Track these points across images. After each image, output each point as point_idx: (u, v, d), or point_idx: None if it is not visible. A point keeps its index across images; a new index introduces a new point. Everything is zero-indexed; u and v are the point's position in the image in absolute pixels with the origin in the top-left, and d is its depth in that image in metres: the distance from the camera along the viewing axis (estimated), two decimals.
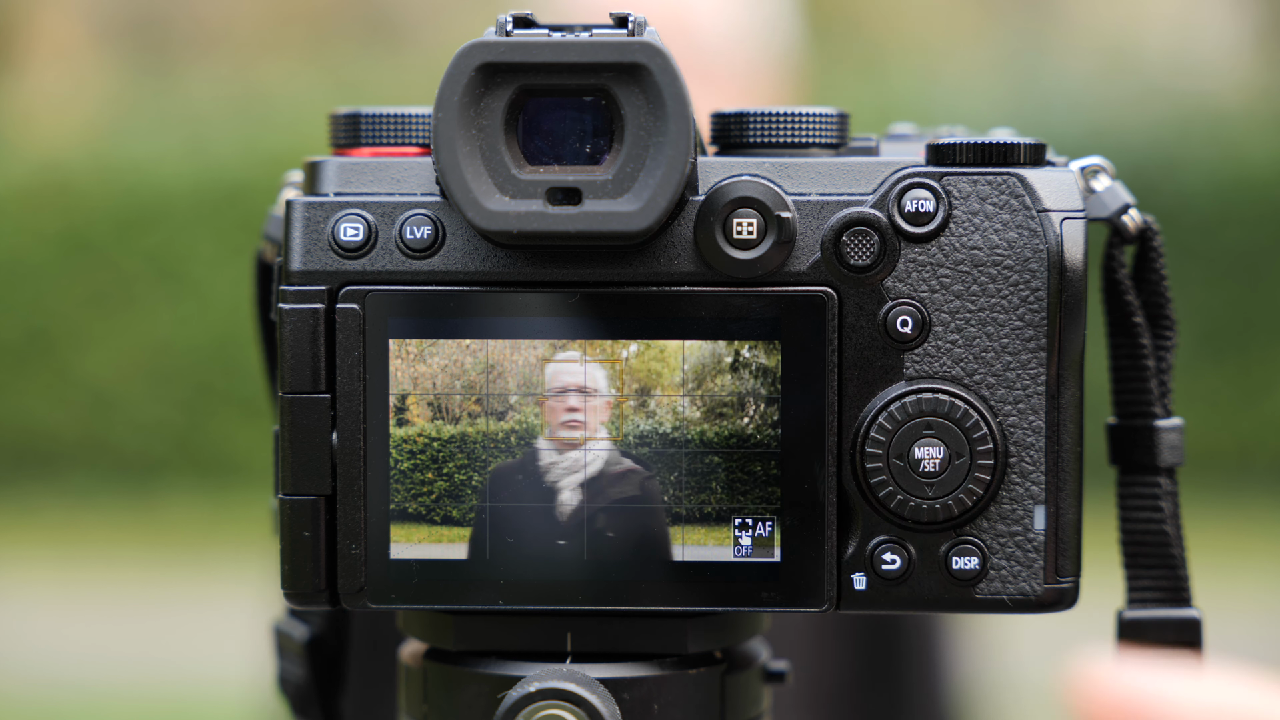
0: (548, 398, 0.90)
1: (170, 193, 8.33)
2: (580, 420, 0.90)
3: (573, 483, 0.90)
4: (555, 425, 0.90)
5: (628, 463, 0.90)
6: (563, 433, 0.90)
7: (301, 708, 1.08)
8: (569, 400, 0.90)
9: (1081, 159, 0.96)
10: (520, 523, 0.90)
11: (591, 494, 0.90)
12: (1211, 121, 8.25)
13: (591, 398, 0.90)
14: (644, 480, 0.90)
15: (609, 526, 0.90)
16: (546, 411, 0.90)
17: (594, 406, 0.90)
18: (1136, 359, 0.97)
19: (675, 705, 0.93)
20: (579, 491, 0.90)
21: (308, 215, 0.91)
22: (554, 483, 0.90)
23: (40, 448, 8.28)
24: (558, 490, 0.90)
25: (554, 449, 0.90)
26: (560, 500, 0.90)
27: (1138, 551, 0.97)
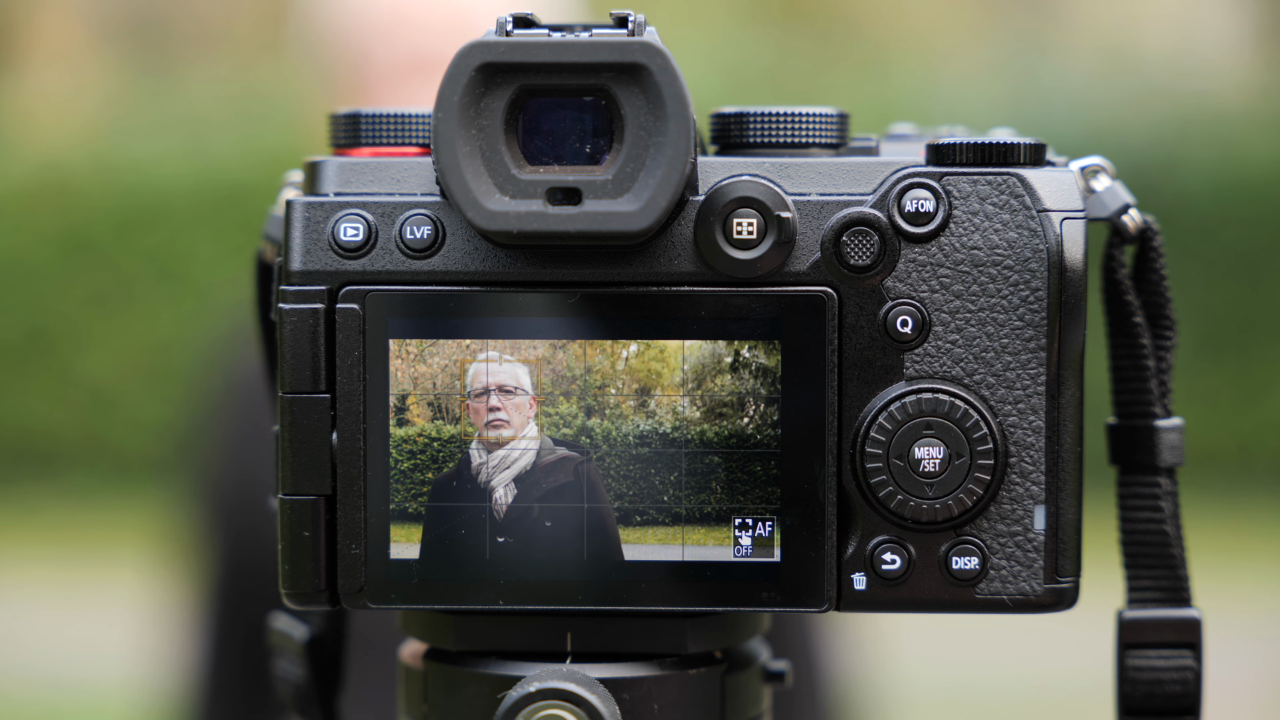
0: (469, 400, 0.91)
1: (170, 193, 8.33)
2: (504, 419, 0.90)
3: (503, 480, 0.91)
4: (481, 426, 0.91)
5: (561, 451, 0.90)
6: (490, 431, 0.91)
7: (301, 708, 1.08)
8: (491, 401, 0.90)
9: (1081, 159, 0.96)
10: (462, 521, 0.91)
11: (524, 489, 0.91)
12: (1211, 121, 8.25)
13: (512, 395, 0.90)
14: (577, 466, 0.90)
15: (544, 517, 0.90)
16: (471, 413, 0.91)
17: (516, 404, 0.90)
18: (1136, 359, 0.97)
19: (675, 705, 0.93)
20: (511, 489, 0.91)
21: (308, 215, 0.91)
22: (486, 482, 0.91)
23: (40, 448, 8.28)
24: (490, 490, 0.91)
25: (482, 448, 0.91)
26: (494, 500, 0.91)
27: (1138, 551, 0.98)
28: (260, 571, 2.26)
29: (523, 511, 0.90)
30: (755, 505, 0.90)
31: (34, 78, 9.38)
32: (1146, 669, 0.96)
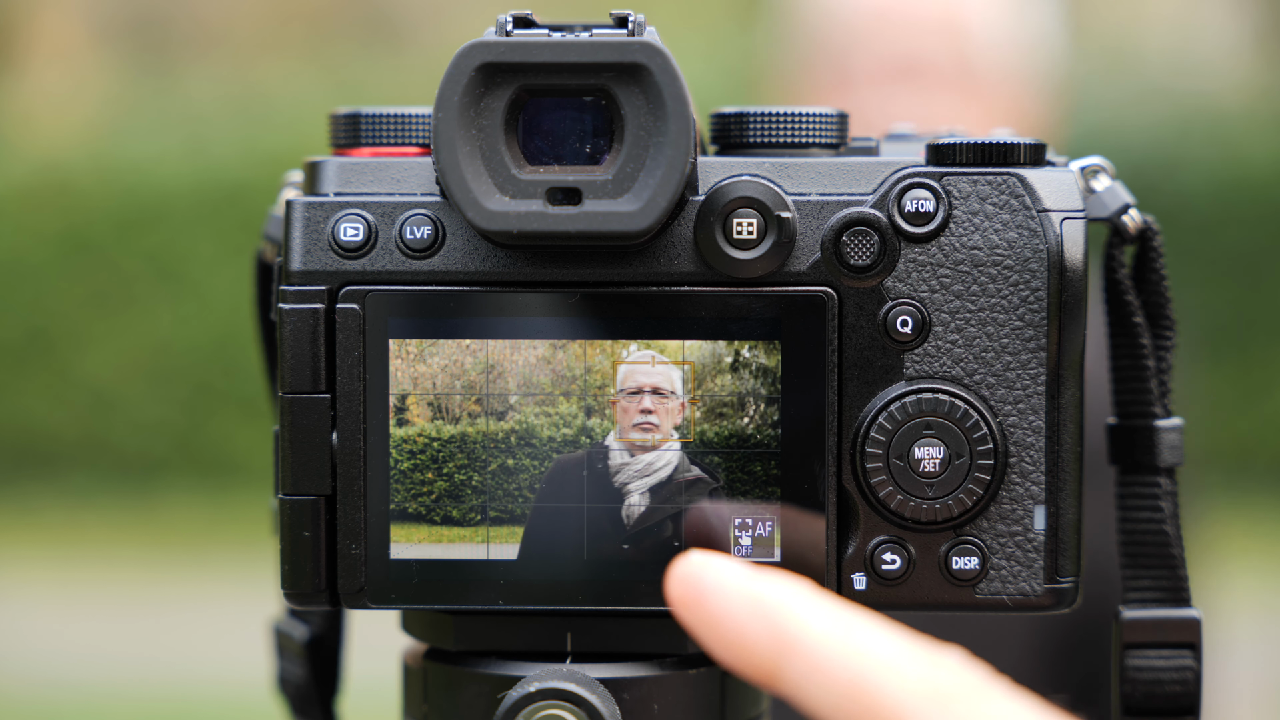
0: (618, 398, 0.91)
1: (170, 193, 8.34)
2: (654, 423, 0.90)
3: (641, 486, 0.91)
4: (627, 426, 0.91)
5: (696, 470, 0.90)
6: (636, 433, 0.91)
7: (301, 708, 1.08)
8: (644, 401, 0.90)
9: (1081, 159, 0.96)
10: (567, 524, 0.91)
11: (659, 499, 0.91)
12: (1211, 121, 8.25)
13: (666, 399, 0.90)
14: (711, 491, 0.90)
15: (675, 535, 0.90)
16: (618, 412, 0.91)
17: (668, 409, 0.90)
18: (1136, 359, 0.97)
19: (675, 705, 0.93)
20: (647, 496, 0.90)
21: (308, 215, 0.91)
22: (623, 484, 0.91)
23: (40, 448, 8.28)
24: (626, 493, 0.91)
25: (625, 449, 0.90)
26: (628, 503, 0.90)
27: (1137, 551, 0.98)
28: None
29: (657, 525, 0.90)
30: (755, 505, 0.90)
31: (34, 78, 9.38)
32: (1146, 669, 0.96)
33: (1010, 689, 0.65)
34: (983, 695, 0.65)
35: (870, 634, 0.67)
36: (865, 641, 0.67)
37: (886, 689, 0.65)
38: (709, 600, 0.69)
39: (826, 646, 0.67)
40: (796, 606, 0.68)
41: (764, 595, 0.69)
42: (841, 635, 0.67)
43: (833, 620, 0.68)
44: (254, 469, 7.46)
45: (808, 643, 0.67)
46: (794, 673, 0.67)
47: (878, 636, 0.67)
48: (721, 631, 0.69)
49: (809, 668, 0.67)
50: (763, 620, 0.68)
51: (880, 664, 0.66)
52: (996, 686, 0.65)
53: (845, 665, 0.66)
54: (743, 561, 0.71)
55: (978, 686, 0.65)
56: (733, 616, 0.69)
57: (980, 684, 0.65)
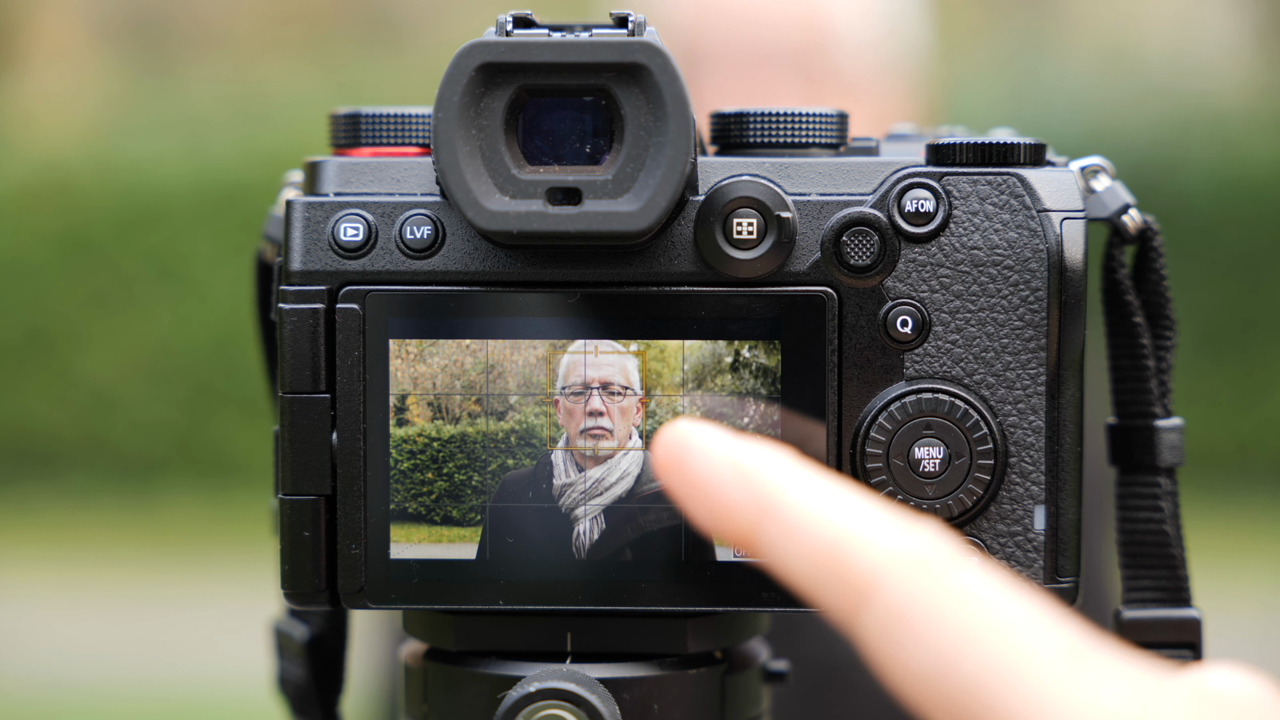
0: (561, 397, 0.90)
1: (170, 193, 8.34)
2: (606, 428, 0.90)
3: (594, 509, 0.89)
4: (574, 433, 0.90)
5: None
6: (584, 441, 0.89)
7: (301, 708, 1.08)
8: (592, 401, 0.90)
9: (1081, 159, 0.96)
10: (523, 548, 0.90)
11: (616, 521, 0.89)
12: (1211, 121, 8.25)
13: (620, 397, 0.90)
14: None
15: (632, 554, 0.90)
16: (562, 415, 0.90)
17: (623, 407, 0.90)
18: (1136, 359, 0.97)
19: (675, 705, 0.93)
20: (600, 520, 0.89)
21: (308, 215, 0.91)
22: (570, 509, 0.89)
23: (40, 448, 8.28)
24: (574, 520, 0.89)
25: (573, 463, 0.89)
26: (578, 531, 0.89)
27: (1137, 551, 0.98)
28: None
29: (612, 551, 0.89)
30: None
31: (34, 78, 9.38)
32: None
33: (981, 561, 0.66)
34: (954, 565, 0.66)
35: (847, 501, 0.68)
36: (842, 508, 0.68)
37: (861, 553, 0.66)
38: (692, 464, 0.70)
39: (804, 511, 0.68)
40: (777, 471, 0.69)
41: (745, 460, 0.70)
42: (819, 501, 0.68)
43: (811, 486, 0.69)
44: (254, 469, 7.46)
45: (786, 507, 0.68)
46: (771, 536, 0.68)
47: (855, 504, 0.68)
48: (703, 494, 0.70)
49: (786, 531, 0.68)
50: (743, 484, 0.69)
51: (856, 530, 0.67)
52: (968, 557, 0.66)
53: (821, 530, 0.67)
54: (727, 429, 0.72)
55: (950, 555, 0.66)
56: (715, 480, 0.70)
57: (952, 554, 0.66)
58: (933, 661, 0.64)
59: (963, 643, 0.63)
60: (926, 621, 0.64)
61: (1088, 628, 0.64)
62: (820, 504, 0.68)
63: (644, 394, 0.89)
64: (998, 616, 0.64)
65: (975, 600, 0.64)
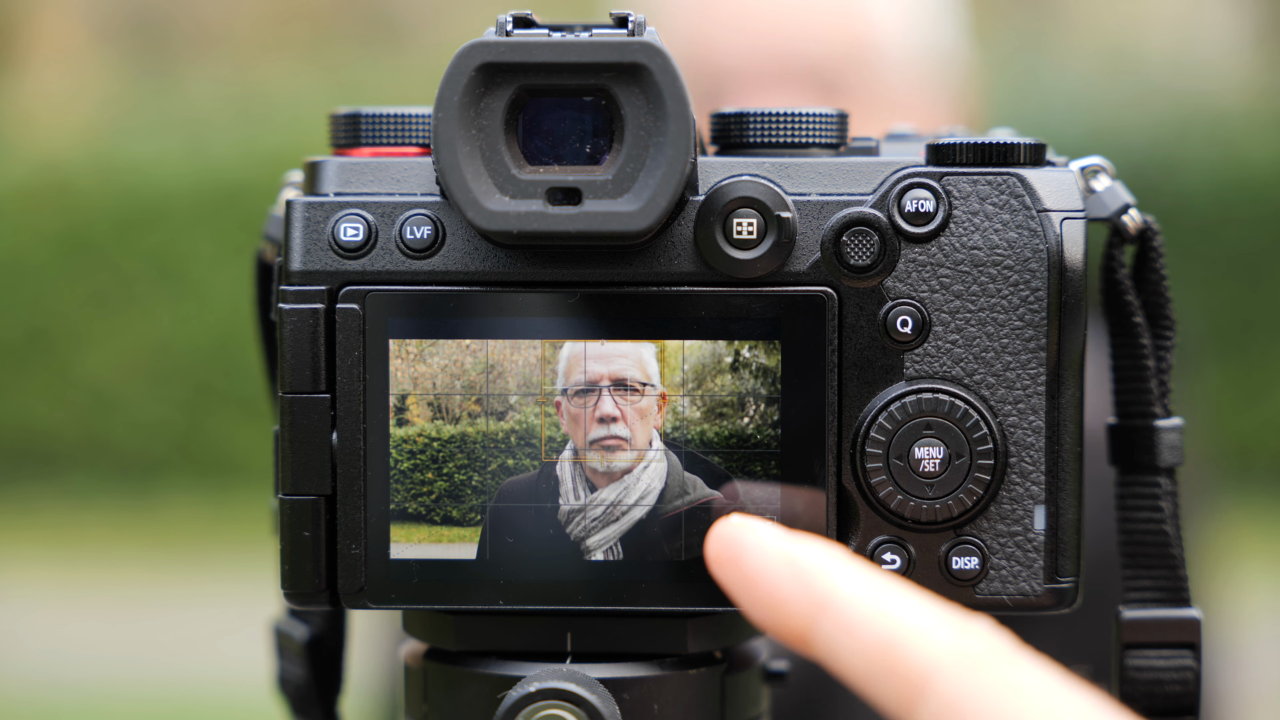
0: (564, 400, 0.90)
1: (170, 193, 8.34)
2: (622, 436, 0.90)
3: (610, 537, 0.88)
4: (582, 442, 0.89)
5: (697, 489, 0.88)
6: (595, 454, 0.89)
7: (301, 708, 1.08)
8: (603, 404, 0.90)
9: (1081, 159, 0.96)
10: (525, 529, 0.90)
11: (636, 549, 0.88)
12: (1211, 121, 8.25)
13: (638, 394, 0.90)
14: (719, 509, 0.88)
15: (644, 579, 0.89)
16: (566, 421, 0.90)
17: (641, 408, 0.90)
18: (1136, 359, 0.97)
19: (675, 705, 0.93)
20: (618, 549, 0.88)
21: (308, 215, 0.91)
22: (580, 538, 0.88)
23: (40, 448, 8.28)
24: (585, 549, 0.88)
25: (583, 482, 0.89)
26: (590, 559, 0.88)
27: (1137, 551, 0.98)
28: None
29: (629, 580, 0.88)
30: (755, 505, 0.90)
31: (34, 78, 9.38)
32: (1146, 669, 0.96)
33: (1035, 657, 0.67)
34: (1009, 661, 0.67)
35: (902, 598, 0.69)
36: (897, 605, 0.69)
37: (916, 651, 0.67)
38: (746, 560, 0.72)
39: (859, 608, 0.69)
40: (831, 568, 0.70)
41: (800, 556, 0.71)
42: (874, 598, 0.69)
43: (866, 583, 0.70)
44: (254, 469, 7.47)
45: (840, 603, 0.69)
46: (827, 633, 0.69)
47: (909, 601, 0.69)
48: (758, 591, 0.72)
49: (841, 628, 0.69)
50: (798, 581, 0.71)
51: (911, 627, 0.68)
52: (1022, 654, 0.67)
53: (877, 626, 0.68)
54: (779, 525, 0.73)
55: (1005, 652, 0.67)
56: (769, 576, 0.71)
57: (1007, 650, 0.67)
58: None
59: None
60: (981, 716, 0.65)
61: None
62: (875, 600, 0.69)
63: (665, 389, 0.89)
64: (1050, 710, 0.65)
65: (1028, 694, 0.65)
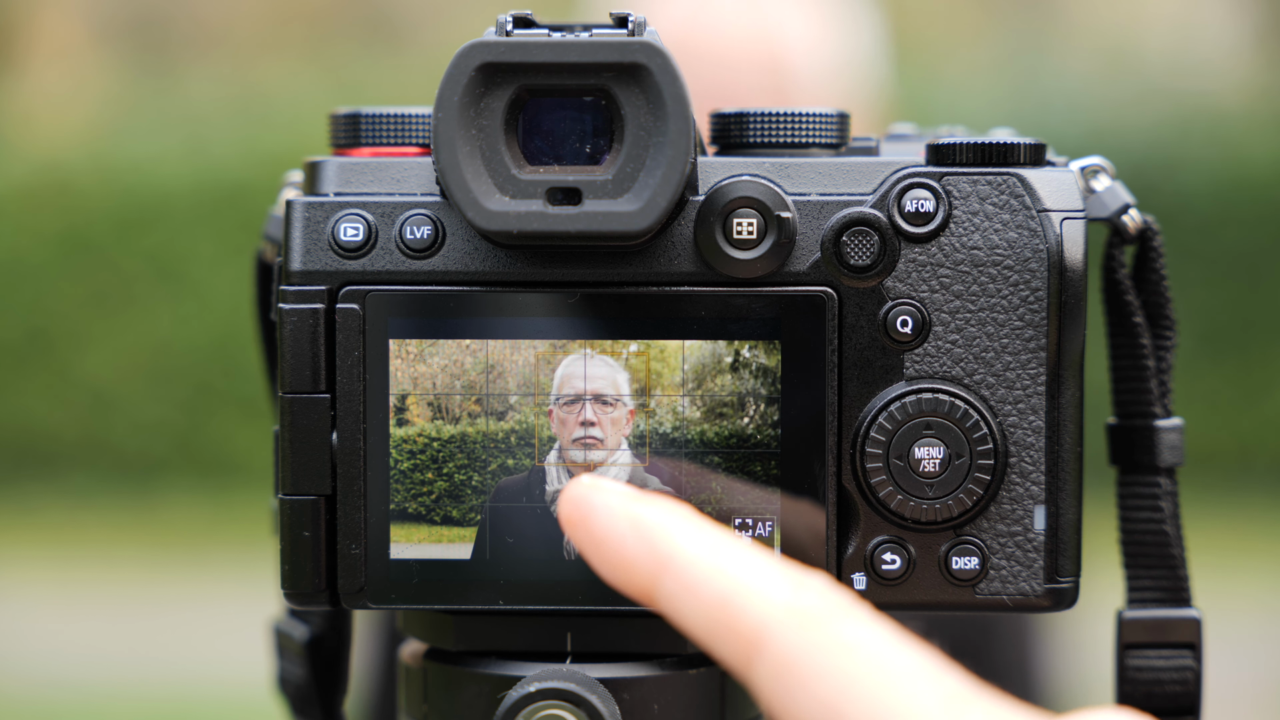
0: (554, 407, 0.90)
1: (170, 193, 8.34)
2: (597, 437, 0.90)
3: None
4: (566, 442, 0.90)
5: (654, 484, 0.90)
6: (576, 450, 0.90)
7: (301, 708, 1.08)
8: (584, 412, 0.90)
9: (1081, 159, 0.96)
10: (522, 528, 0.90)
11: None
12: (1211, 121, 8.25)
13: (611, 407, 0.90)
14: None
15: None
16: (555, 424, 0.90)
17: (614, 418, 0.90)
18: (1136, 359, 0.97)
19: (675, 705, 0.93)
20: None
21: (308, 215, 0.91)
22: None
23: (40, 448, 8.28)
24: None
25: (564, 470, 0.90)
26: (567, 541, 0.89)
27: (1138, 551, 0.98)
28: None
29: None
30: (755, 506, 0.90)
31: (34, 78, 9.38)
32: (1146, 669, 0.96)
33: (871, 614, 0.68)
34: (843, 618, 0.68)
35: (740, 556, 0.70)
36: (735, 563, 0.70)
37: (750, 607, 0.69)
38: (594, 520, 0.73)
39: (698, 566, 0.70)
40: (673, 528, 0.72)
41: (644, 516, 0.72)
42: (713, 556, 0.71)
43: (706, 541, 0.71)
44: (254, 469, 7.46)
45: (681, 562, 0.71)
46: (669, 591, 0.71)
47: (747, 559, 0.70)
48: (604, 550, 0.73)
49: (682, 586, 0.71)
50: (641, 540, 0.72)
51: (747, 584, 0.69)
52: (857, 611, 0.68)
53: (715, 585, 0.70)
54: (628, 485, 0.75)
55: (839, 609, 0.68)
56: (615, 536, 0.73)
57: (841, 607, 0.68)
58: (820, 712, 0.66)
59: (847, 693, 0.65)
60: (812, 673, 0.66)
61: (969, 677, 0.66)
62: (714, 558, 0.71)
63: (633, 405, 0.89)
64: (881, 667, 0.66)
65: (859, 652, 0.66)
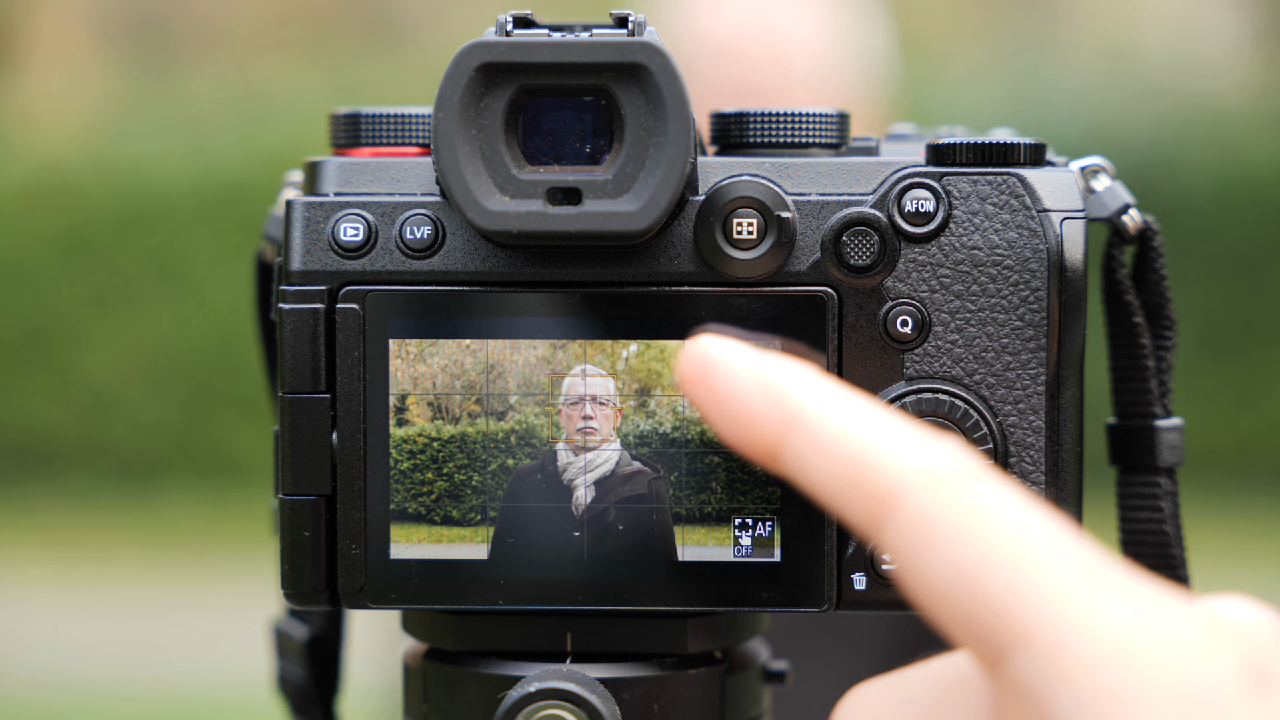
0: (563, 406, 0.91)
1: (170, 193, 8.34)
2: (595, 427, 0.91)
3: (589, 480, 0.91)
4: (572, 431, 0.91)
5: (637, 465, 0.90)
6: (579, 435, 0.91)
7: (301, 708, 1.08)
8: (585, 409, 0.91)
9: (1081, 159, 0.96)
10: (531, 520, 0.90)
11: (603, 490, 0.90)
12: (1211, 121, 8.25)
13: (604, 406, 0.90)
14: (651, 480, 0.90)
15: (619, 520, 0.90)
16: (563, 419, 0.91)
17: (606, 414, 0.90)
18: (1136, 359, 0.97)
19: (675, 705, 0.93)
20: (591, 489, 0.90)
21: (308, 215, 0.91)
22: (570, 481, 0.91)
23: (40, 448, 8.28)
24: (573, 488, 0.91)
25: (569, 450, 0.91)
26: (575, 497, 0.90)
27: (1138, 551, 0.97)
28: None
29: (600, 511, 0.90)
30: (755, 505, 0.90)
31: (34, 78, 9.38)
32: None
33: (1001, 477, 0.67)
34: (975, 480, 0.66)
35: (872, 415, 0.68)
36: (867, 422, 0.68)
37: (884, 466, 0.66)
38: (716, 378, 0.70)
39: (828, 424, 0.68)
40: (802, 386, 0.69)
41: (769, 374, 0.70)
42: (844, 416, 0.68)
43: (836, 400, 0.69)
44: (254, 469, 7.47)
45: (810, 421, 0.68)
46: (796, 450, 0.68)
47: (880, 419, 0.68)
48: (728, 409, 0.70)
49: (810, 445, 0.68)
50: (768, 398, 0.69)
51: (879, 443, 0.67)
52: (990, 474, 0.66)
53: (845, 443, 0.67)
54: (750, 344, 0.72)
55: (971, 471, 0.66)
56: (739, 394, 0.70)
57: (974, 469, 0.66)
58: (953, 575, 0.64)
59: (982, 557, 0.63)
60: (947, 535, 0.64)
61: (1103, 549, 0.65)
62: (845, 418, 0.68)
63: (620, 406, 0.90)
64: (1018, 532, 0.64)
65: (995, 515, 0.64)
